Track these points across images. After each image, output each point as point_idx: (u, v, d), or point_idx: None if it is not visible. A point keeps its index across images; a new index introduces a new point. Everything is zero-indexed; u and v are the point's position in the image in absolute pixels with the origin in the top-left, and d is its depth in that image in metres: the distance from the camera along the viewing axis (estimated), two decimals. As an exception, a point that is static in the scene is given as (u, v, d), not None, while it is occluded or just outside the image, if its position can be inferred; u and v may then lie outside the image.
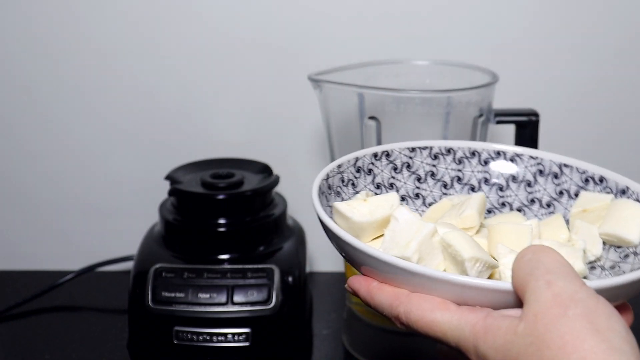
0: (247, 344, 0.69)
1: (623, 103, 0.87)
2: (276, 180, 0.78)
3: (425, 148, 0.55)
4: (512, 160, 0.55)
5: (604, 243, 0.49)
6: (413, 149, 0.55)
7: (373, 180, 0.53)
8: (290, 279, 0.71)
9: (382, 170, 0.54)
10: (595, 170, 0.52)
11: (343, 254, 0.44)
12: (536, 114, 0.71)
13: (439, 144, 0.55)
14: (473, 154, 0.55)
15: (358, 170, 0.53)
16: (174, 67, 0.86)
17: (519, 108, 0.72)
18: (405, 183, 0.54)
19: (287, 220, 0.80)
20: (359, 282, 0.43)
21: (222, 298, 0.69)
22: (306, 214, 0.87)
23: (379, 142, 0.67)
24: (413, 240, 0.42)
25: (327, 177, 0.50)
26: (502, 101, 0.75)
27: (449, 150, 0.56)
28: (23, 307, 0.82)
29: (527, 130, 0.71)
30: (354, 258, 0.43)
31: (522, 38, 0.84)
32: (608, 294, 0.36)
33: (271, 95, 0.87)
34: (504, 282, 0.37)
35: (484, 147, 0.55)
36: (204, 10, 0.84)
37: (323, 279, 0.91)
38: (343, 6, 0.83)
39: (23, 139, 0.89)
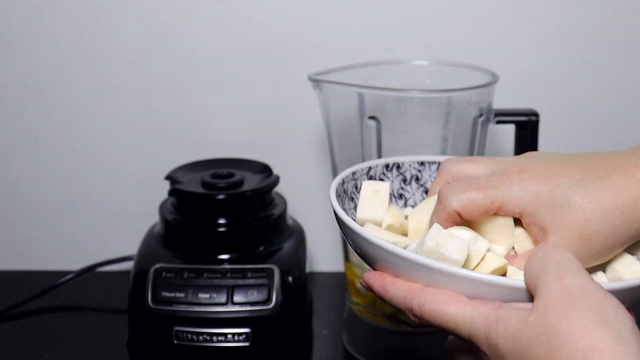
0: (247, 344, 0.69)
1: (623, 103, 0.87)
2: (276, 180, 0.78)
3: (434, 163, 0.57)
4: None
5: None
6: (422, 163, 0.57)
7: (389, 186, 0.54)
8: (290, 279, 0.71)
9: (392, 181, 0.56)
10: None
11: (358, 251, 0.46)
12: (536, 114, 0.71)
13: (445, 159, 0.57)
14: None
15: (371, 179, 0.55)
16: (174, 67, 0.86)
17: (519, 108, 0.72)
18: (413, 194, 0.56)
19: (287, 220, 0.80)
20: (373, 277, 0.44)
21: (222, 298, 0.69)
22: (306, 214, 0.87)
23: (379, 142, 0.68)
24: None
25: (343, 182, 0.52)
26: (502, 101, 0.75)
27: None
28: (23, 307, 0.82)
29: (527, 130, 0.71)
30: (369, 254, 0.44)
31: (522, 38, 0.84)
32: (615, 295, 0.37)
33: (271, 95, 0.87)
34: (517, 280, 0.39)
35: None
36: (204, 11, 0.84)
37: (323, 279, 0.91)
38: (343, 6, 0.83)
39: (23, 139, 0.89)
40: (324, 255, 0.92)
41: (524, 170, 0.44)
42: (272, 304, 0.69)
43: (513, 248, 0.47)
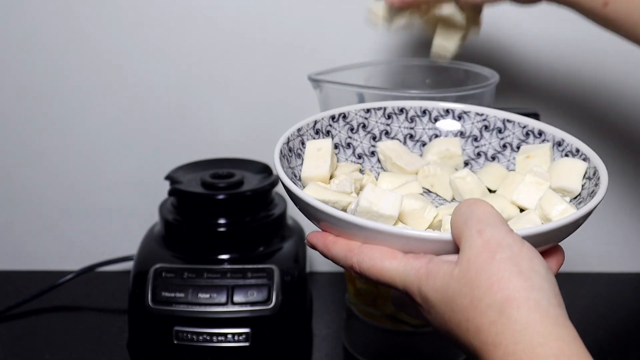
0: (247, 344, 0.69)
1: (623, 103, 0.87)
2: (276, 180, 0.78)
3: (379, 109, 0.58)
4: (459, 117, 0.59)
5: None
6: (368, 110, 0.58)
7: (331, 142, 0.55)
8: (290, 279, 0.71)
9: (339, 132, 0.57)
10: (535, 124, 0.56)
11: (304, 213, 0.47)
12: (536, 114, 0.71)
13: (392, 104, 0.58)
14: (424, 112, 0.59)
15: (317, 132, 0.55)
16: (175, 67, 0.86)
17: (519, 108, 0.72)
18: (361, 142, 0.57)
19: (287, 220, 0.80)
20: (316, 237, 0.47)
21: (222, 298, 0.69)
22: (306, 214, 0.87)
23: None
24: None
25: (288, 141, 0.53)
26: (502, 101, 0.75)
27: (401, 110, 0.59)
28: (23, 307, 0.82)
29: (527, 130, 0.71)
30: (311, 215, 0.46)
31: (522, 38, 0.84)
32: (532, 240, 0.40)
33: (271, 95, 0.87)
34: (445, 233, 0.42)
35: (434, 105, 0.59)
36: (205, 10, 0.84)
37: (323, 279, 0.91)
38: (343, 6, 0.83)
39: (23, 139, 0.89)
40: (324, 255, 0.92)
41: None
42: (272, 304, 0.69)
43: None
